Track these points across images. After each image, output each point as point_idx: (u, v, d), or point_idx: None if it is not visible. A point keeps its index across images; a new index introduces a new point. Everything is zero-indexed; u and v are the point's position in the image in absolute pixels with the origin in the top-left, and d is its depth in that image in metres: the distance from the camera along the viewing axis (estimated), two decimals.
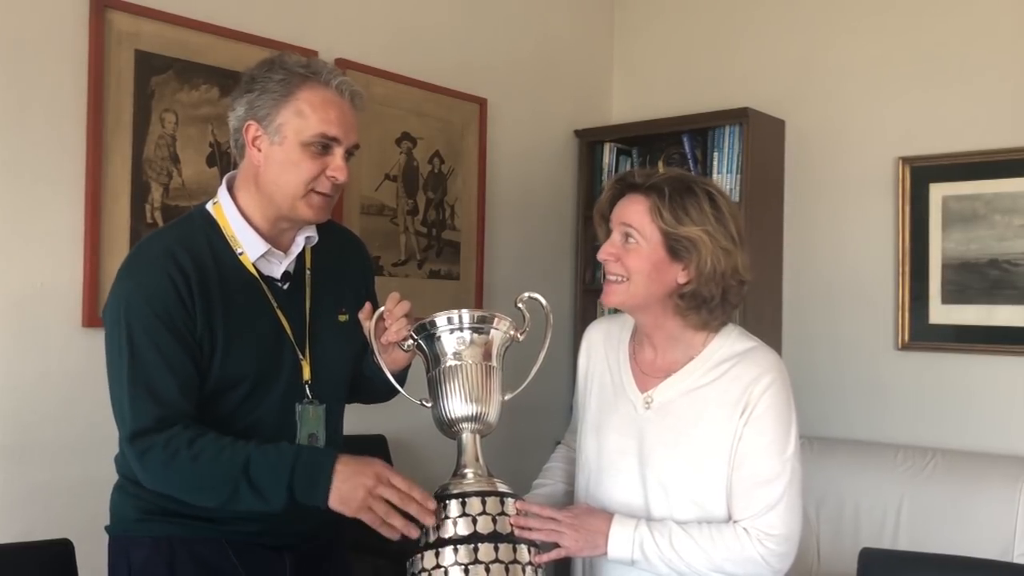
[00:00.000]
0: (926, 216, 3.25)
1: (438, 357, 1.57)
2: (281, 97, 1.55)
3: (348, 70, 2.97)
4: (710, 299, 1.59)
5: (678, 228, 1.56)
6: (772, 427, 1.58)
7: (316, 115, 1.55)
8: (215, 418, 1.56)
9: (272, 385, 1.60)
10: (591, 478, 1.71)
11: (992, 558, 2.59)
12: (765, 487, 1.56)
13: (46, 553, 1.81)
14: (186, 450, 1.47)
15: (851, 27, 3.46)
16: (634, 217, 1.60)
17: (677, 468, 1.60)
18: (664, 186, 1.58)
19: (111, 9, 2.41)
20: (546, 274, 3.76)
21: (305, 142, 1.55)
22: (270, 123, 1.55)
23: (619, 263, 1.61)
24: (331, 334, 1.69)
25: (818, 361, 3.42)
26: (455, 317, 1.57)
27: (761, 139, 3.45)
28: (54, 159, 2.34)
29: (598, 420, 1.72)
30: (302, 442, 1.62)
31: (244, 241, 1.60)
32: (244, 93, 1.58)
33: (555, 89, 3.80)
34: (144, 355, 1.49)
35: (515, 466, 2.16)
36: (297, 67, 1.57)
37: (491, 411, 1.58)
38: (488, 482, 1.53)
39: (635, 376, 1.70)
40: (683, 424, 1.61)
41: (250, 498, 1.47)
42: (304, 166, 1.56)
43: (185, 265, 1.54)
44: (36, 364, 2.30)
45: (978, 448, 3.07)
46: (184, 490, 1.52)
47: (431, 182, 3.28)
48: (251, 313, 1.59)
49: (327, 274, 1.71)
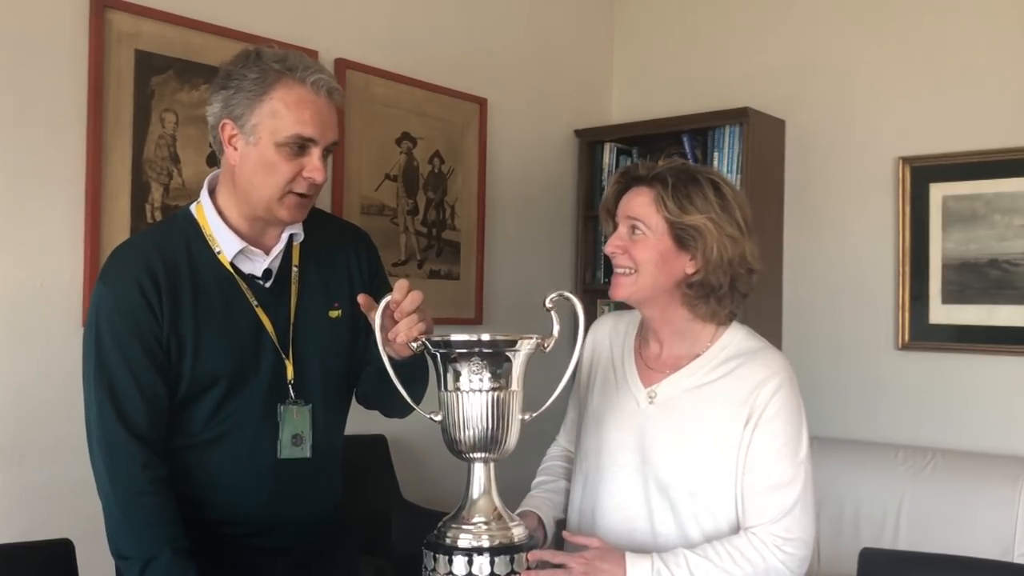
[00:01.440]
0: (926, 216, 3.25)
1: (454, 378, 1.43)
2: (256, 96, 1.50)
3: (348, 70, 2.97)
4: (718, 287, 1.58)
5: (683, 217, 1.56)
6: (784, 431, 1.55)
7: (291, 115, 1.50)
8: (195, 419, 1.55)
9: (252, 385, 1.57)
10: (590, 475, 1.69)
11: (992, 558, 2.59)
12: (780, 491, 1.53)
13: (46, 553, 1.81)
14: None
15: (851, 27, 3.46)
16: (639, 209, 1.59)
17: (677, 465, 1.58)
18: (668, 176, 1.58)
19: (111, 9, 2.41)
20: (546, 274, 3.76)
21: (280, 143, 1.51)
22: (245, 122, 1.52)
23: (626, 255, 1.60)
24: (320, 332, 1.65)
25: (818, 361, 3.42)
26: (476, 341, 1.43)
27: (761, 139, 3.45)
28: (54, 159, 2.34)
29: (599, 415, 1.71)
30: (285, 443, 1.59)
31: (221, 240, 1.59)
32: (220, 89, 1.55)
33: (555, 89, 3.80)
34: (112, 367, 1.50)
35: (515, 466, 2.15)
36: (272, 63, 1.51)
37: (510, 439, 1.46)
38: (499, 526, 1.44)
39: (639, 371, 1.68)
40: (686, 421, 1.59)
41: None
42: (280, 168, 1.52)
43: (155, 268, 1.52)
44: (36, 364, 2.30)
45: (978, 448, 3.07)
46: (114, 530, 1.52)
47: (431, 182, 3.28)
48: (226, 313, 1.56)
49: (317, 269, 1.67)
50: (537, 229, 3.74)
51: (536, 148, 3.73)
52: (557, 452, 1.89)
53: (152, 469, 1.50)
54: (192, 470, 1.56)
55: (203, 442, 1.57)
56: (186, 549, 1.49)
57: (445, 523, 1.46)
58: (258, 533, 1.60)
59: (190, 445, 1.56)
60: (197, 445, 1.57)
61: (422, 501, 2.99)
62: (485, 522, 1.43)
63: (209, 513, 1.58)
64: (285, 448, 1.59)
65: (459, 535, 1.42)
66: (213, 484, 1.57)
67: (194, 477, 1.56)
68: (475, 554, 1.40)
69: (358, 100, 3.02)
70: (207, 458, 1.57)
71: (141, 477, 1.49)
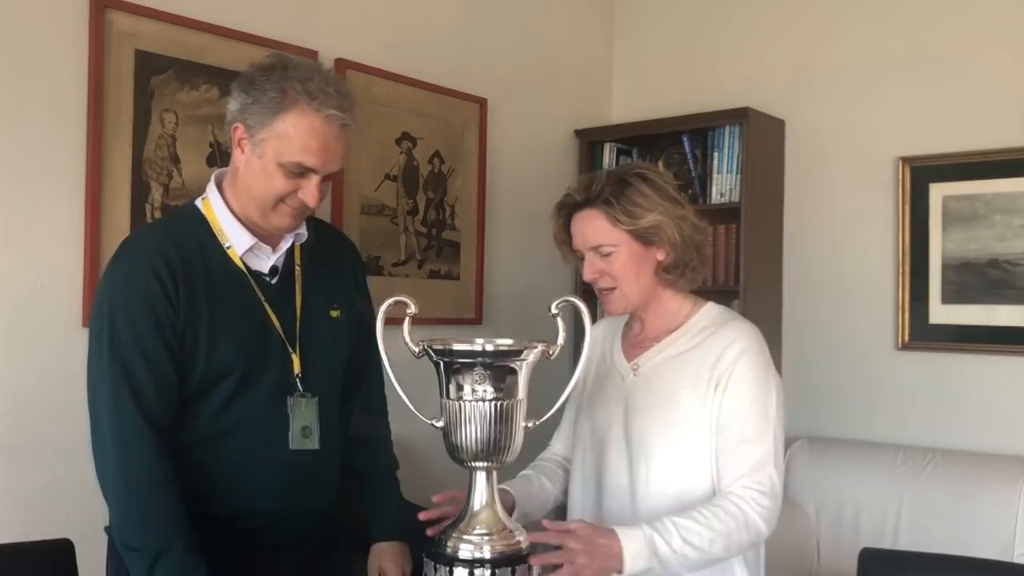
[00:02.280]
0: (926, 216, 3.25)
1: (457, 387, 1.42)
2: (270, 114, 1.53)
3: (348, 70, 2.97)
4: (690, 261, 1.72)
5: (638, 222, 1.66)
6: (751, 390, 1.63)
7: (298, 142, 1.52)
8: (202, 413, 1.56)
9: (262, 378, 1.60)
10: (586, 458, 1.78)
11: (992, 558, 2.59)
12: (750, 445, 1.61)
13: (46, 553, 1.81)
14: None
15: (851, 27, 3.46)
16: (597, 235, 1.70)
17: (657, 431, 1.66)
18: (605, 193, 1.68)
19: (111, 9, 2.41)
20: (546, 274, 3.75)
21: (282, 163, 1.54)
22: (255, 133, 1.55)
23: (607, 277, 1.71)
24: (323, 330, 1.69)
25: (818, 361, 3.42)
26: (480, 351, 1.40)
27: (761, 139, 3.45)
28: (54, 159, 2.34)
29: (591, 399, 1.80)
30: (295, 435, 1.62)
31: (231, 235, 1.61)
32: (242, 92, 1.57)
33: (555, 89, 3.80)
34: (127, 355, 1.49)
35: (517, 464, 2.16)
36: (296, 82, 1.53)
37: (513, 448, 1.45)
38: (501, 537, 1.43)
39: (624, 350, 1.79)
40: (665, 390, 1.68)
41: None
42: (277, 182, 1.55)
43: (171, 257, 1.54)
44: (36, 364, 2.30)
45: (978, 448, 3.07)
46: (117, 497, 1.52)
47: (431, 182, 3.28)
48: (237, 306, 1.59)
49: (318, 271, 1.72)
50: (537, 229, 3.71)
51: (536, 148, 3.73)
52: (546, 455, 1.95)
53: (165, 461, 1.51)
54: (204, 465, 1.57)
55: (213, 436, 1.58)
56: (196, 545, 1.49)
57: (446, 531, 1.45)
58: (269, 526, 1.62)
59: (198, 441, 1.57)
60: (207, 440, 1.58)
61: (423, 502, 2.99)
62: (487, 533, 1.43)
63: (222, 507, 1.58)
64: (295, 439, 1.62)
65: (460, 545, 1.42)
66: (228, 477, 1.58)
67: (206, 472, 1.57)
68: (476, 566, 1.40)
69: (358, 100, 3.00)
70: (220, 452, 1.58)
71: (156, 467, 1.49)
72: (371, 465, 1.86)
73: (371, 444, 1.86)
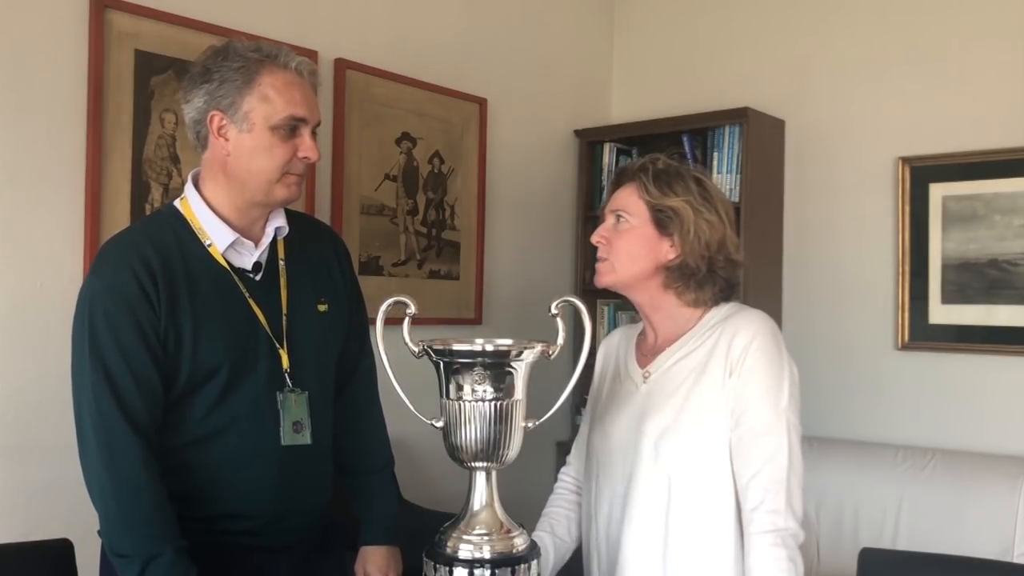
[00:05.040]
0: (926, 216, 3.25)
1: (457, 387, 1.42)
2: (243, 84, 1.55)
3: (348, 70, 2.97)
4: (696, 271, 1.65)
5: (662, 199, 1.64)
6: (763, 378, 1.59)
7: (282, 98, 1.55)
8: (192, 414, 1.55)
9: (250, 375, 1.59)
10: (600, 471, 1.73)
11: (992, 558, 2.59)
12: (763, 438, 1.58)
13: (46, 553, 1.81)
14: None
15: (851, 27, 3.46)
16: (623, 199, 1.68)
17: (670, 428, 1.62)
18: (651, 167, 1.67)
19: (111, 9, 2.41)
20: (546, 274, 3.76)
21: (274, 126, 1.55)
22: (236, 111, 1.55)
23: (609, 245, 1.68)
24: (311, 323, 1.68)
25: (818, 361, 3.42)
26: (480, 351, 1.40)
27: (761, 139, 3.45)
28: (54, 158, 2.34)
29: (604, 410, 1.77)
30: (287, 430, 1.61)
31: (212, 232, 1.60)
32: (201, 84, 1.57)
33: (555, 89, 3.80)
34: (109, 360, 1.48)
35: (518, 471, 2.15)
36: (250, 52, 1.57)
37: (513, 449, 1.45)
38: (500, 537, 1.43)
39: (637, 359, 1.76)
40: (677, 388, 1.65)
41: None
42: (276, 151, 1.57)
43: (150, 259, 1.53)
44: (35, 364, 2.30)
45: (978, 448, 3.07)
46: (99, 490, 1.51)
47: (431, 182, 3.28)
48: (221, 304, 1.58)
49: (302, 265, 1.71)
50: (537, 229, 3.75)
51: (536, 148, 3.73)
52: (559, 487, 1.91)
53: (151, 465, 1.49)
54: (194, 467, 1.56)
55: (203, 437, 1.56)
56: (186, 549, 1.48)
57: (445, 531, 1.45)
58: (264, 527, 1.60)
59: (189, 442, 1.56)
60: (197, 441, 1.56)
61: (422, 502, 2.99)
62: (487, 533, 1.43)
63: (216, 508, 1.57)
64: (287, 435, 1.61)
65: (459, 545, 1.42)
66: (219, 478, 1.57)
67: (197, 474, 1.56)
68: (476, 566, 1.39)
69: (358, 100, 3.03)
70: (211, 452, 1.57)
71: (142, 472, 1.48)
72: (362, 462, 1.84)
73: (363, 440, 1.84)
